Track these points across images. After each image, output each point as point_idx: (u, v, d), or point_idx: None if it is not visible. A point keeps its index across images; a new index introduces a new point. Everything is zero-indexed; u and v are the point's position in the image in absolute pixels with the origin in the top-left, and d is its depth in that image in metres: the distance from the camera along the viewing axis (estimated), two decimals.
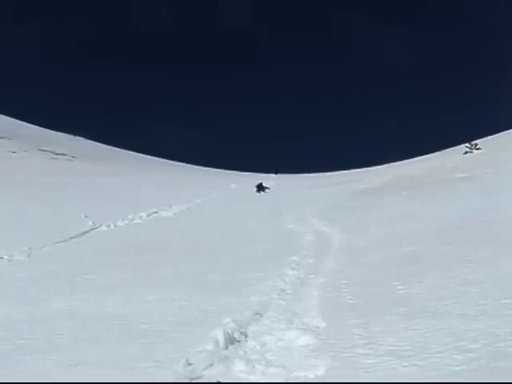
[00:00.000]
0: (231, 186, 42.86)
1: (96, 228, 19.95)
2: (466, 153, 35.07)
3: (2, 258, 13.52)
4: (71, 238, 17.40)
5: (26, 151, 61.93)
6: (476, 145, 35.84)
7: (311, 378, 5.00)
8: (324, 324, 6.70)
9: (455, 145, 44.52)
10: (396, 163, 53.13)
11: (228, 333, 6.29)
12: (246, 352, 5.91)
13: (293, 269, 10.55)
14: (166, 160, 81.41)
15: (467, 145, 36.52)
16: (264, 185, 40.66)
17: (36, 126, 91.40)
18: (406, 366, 4.95)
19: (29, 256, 14.17)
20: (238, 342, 6.27)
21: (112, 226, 20.76)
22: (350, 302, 7.78)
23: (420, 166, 36.71)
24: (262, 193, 38.11)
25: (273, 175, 62.31)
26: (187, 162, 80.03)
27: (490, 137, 41.84)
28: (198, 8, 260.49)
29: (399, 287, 8.18)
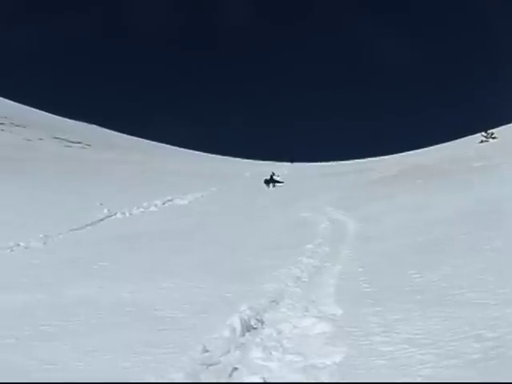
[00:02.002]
0: (246, 175, 42.84)
1: (111, 216, 20.03)
2: (482, 142, 34.93)
3: (19, 245, 13.60)
4: (86, 226, 17.48)
5: (41, 139, 62.15)
6: (492, 134, 35.67)
7: (328, 364, 4.99)
8: (340, 312, 6.69)
9: (471, 134, 44.36)
10: (411, 152, 52.97)
11: (244, 320, 6.30)
12: (262, 339, 5.91)
13: (308, 257, 10.54)
14: (180, 148, 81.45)
15: (483, 134, 36.36)
16: (276, 177, 40.26)
17: (51, 115, 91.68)
18: (422, 354, 4.92)
19: (45, 243, 14.24)
20: (255, 329, 6.28)
21: (127, 214, 20.84)
22: (366, 290, 7.76)
23: (435, 155, 36.51)
24: (272, 187, 34.72)
25: (288, 164, 62.19)
26: (202, 151, 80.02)
27: (506, 126, 41.59)
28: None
29: (415, 275, 8.14)
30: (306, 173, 45.83)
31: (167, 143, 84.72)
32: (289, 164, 62.02)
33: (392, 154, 57.20)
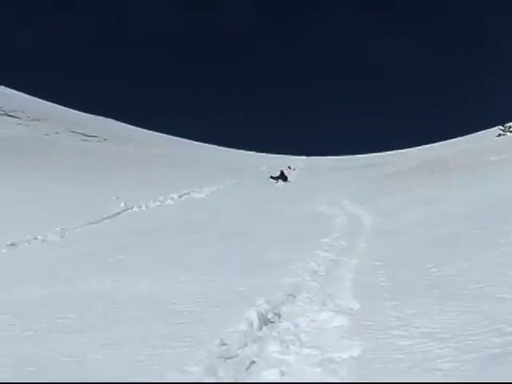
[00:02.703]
0: (262, 168, 42.79)
1: (128, 209, 20.10)
2: (499, 135, 34.70)
3: (36, 238, 13.67)
4: (103, 219, 17.55)
5: (57, 133, 62.37)
6: (509, 127, 35.43)
7: (345, 358, 4.97)
8: (358, 305, 6.66)
9: (488, 127, 44.07)
10: (428, 146, 52.74)
11: (261, 313, 6.29)
12: (279, 333, 5.90)
13: (325, 250, 10.52)
14: (197, 142, 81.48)
15: (500, 127, 36.11)
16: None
17: (67, 108, 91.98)
18: (441, 348, 4.89)
19: (62, 236, 14.31)
20: (272, 322, 6.27)
21: (143, 208, 20.90)
22: (383, 283, 7.72)
23: (453, 149, 36.34)
24: (282, 183, 33.10)
25: (304, 157, 62.06)
26: (219, 144, 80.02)
27: None
28: None
29: (433, 269, 8.10)
30: (322, 166, 45.71)
31: (183, 137, 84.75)
32: (305, 158, 61.90)
33: (409, 147, 56.97)
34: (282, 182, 33.48)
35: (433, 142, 55.00)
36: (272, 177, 34.40)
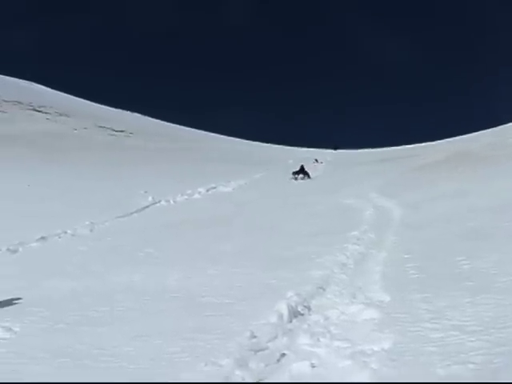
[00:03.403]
0: (289, 162, 42.72)
1: (156, 203, 20.19)
2: None
3: (66, 232, 13.78)
4: (132, 213, 17.64)
5: (85, 128, 62.80)
6: None
7: (376, 351, 4.94)
8: (388, 298, 6.62)
9: None
10: (457, 138, 52.23)
11: (291, 306, 6.28)
12: (309, 325, 5.89)
13: (354, 243, 10.47)
14: (223, 136, 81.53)
15: None
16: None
17: (95, 104, 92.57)
18: (473, 341, 4.84)
19: (91, 230, 14.42)
20: (302, 315, 6.26)
21: (171, 202, 20.98)
22: (413, 276, 7.67)
23: (481, 142, 35.95)
24: (301, 179, 31.09)
25: (331, 151, 61.88)
26: (245, 138, 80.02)
27: None
28: None
29: (463, 262, 8.03)
30: (349, 159, 45.51)
31: (210, 131, 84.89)
32: (332, 151, 61.72)
33: (438, 140, 56.48)
34: (302, 179, 31.52)
35: (461, 134, 54.52)
36: (293, 172, 32.49)
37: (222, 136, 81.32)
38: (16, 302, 7.48)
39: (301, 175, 31.94)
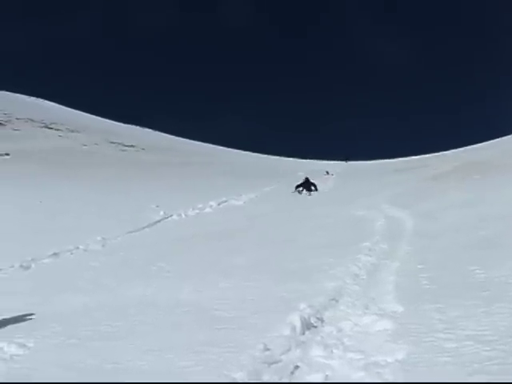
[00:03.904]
0: (299, 174, 42.71)
1: (167, 217, 20.24)
2: None
3: (78, 247, 13.83)
4: (143, 228, 17.69)
5: (96, 144, 63.15)
6: None
7: (390, 362, 4.91)
8: (401, 309, 6.58)
9: None
10: (466, 148, 52.14)
11: (304, 318, 6.25)
12: (322, 337, 5.85)
13: (366, 254, 10.42)
14: (233, 149, 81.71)
15: None
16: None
17: (105, 119, 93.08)
18: (488, 351, 4.80)
19: (103, 246, 14.45)
20: (315, 327, 6.22)
21: (183, 216, 21.02)
22: (426, 286, 7.62)
23: (491, 151, 35.87)
24: (307, 194, 29.19)
25: (343, 162, 61.84)
26: (255, 151, 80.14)
27: None
28: None
29: (477, 271, 7.98)
30: (360, 171, 45.49)
31: (220, 145, 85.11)
32: (343, 163, 61.69)
33: (447, 150, 56.41)
34: (306, 192, 29.66)
35: (471, 144, 54.46)
36: (297, 186, 30.38)
37: (231, 149, 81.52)
38: (29, 317, 7.49)
39: (305, 189, 29.95)
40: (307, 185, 30.26)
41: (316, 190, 30.03)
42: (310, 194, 29.25)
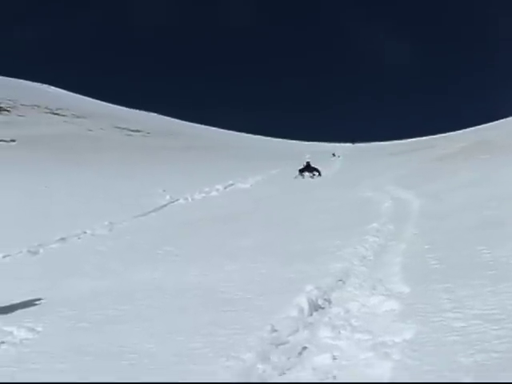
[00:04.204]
0: (306, 156, 42.65)
1: (174, 202, 20.24)
2: None
3: (85, 232, 13.85)
4: (150, 212, 17.70)
5: (102, 129, 63.18)
6: None
7: (398, 342, 4.91)
8: (408, 289, 6.58)
9: None
10: (474, 128, 51.96)
11: (312, 299, 6.25)
12: (330, 318, 5.85)
13: (373, 235, 10.40)
14: (239, 133, 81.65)
15: None
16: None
17: (111, 104, 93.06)
18: (496, 330, 4.80)
19: (110, 230, 14.47)
20: (322, 308, 6.22)
21: (189, 199, 21.02)
22: (433, 267, 7.61)
23: (500, 130, 35.74)
24: (309, 177, 29.11)
25: (349, 144, 61.76)
26: (262, 134, 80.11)
27: None
28: None
29: (484, 251, 7.96)
30: (367, 153, 45.44)
31: (227, 128, 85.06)
32: (350, 145, 61.60)
33: (454, 130, 56.24)
34: (309, 176, 29.34)
35: (479, 124, 54.24)
36: (300, 170, 30.23)
37: (238, 133, 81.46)
38: (37, 302, 7.53)
39: (307, 173, 29.84)
40: (309, 169, 30.17)
41: (319, 174, 29.79)
42: (312, 176, 29.25)
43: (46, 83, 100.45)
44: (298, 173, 29.75)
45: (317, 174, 29.73)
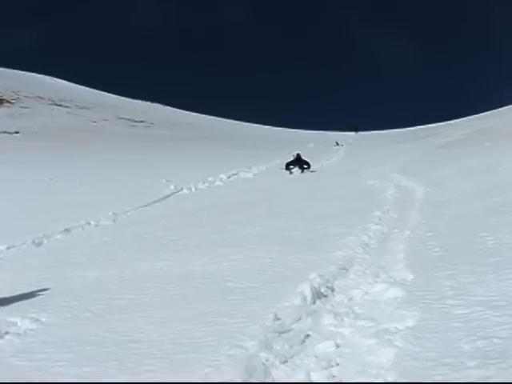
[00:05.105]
0: (309, 145, 42.63)
1: (178, 191, 20.25)
2: None
3: (89, 223, 13.86)
4: (154, 202, 17.70)
5: (105, 120, 63.19)
6: None
7: (401, 329, 4.93)
8: (411, 276, 6.59)
9: None
10: (478, 115, 51.79)
11: (315, 287, 6.26)
12: (333, 306, 5.88)
13: (376, 224, 10.41)
14: (242, 122, 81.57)
15: None
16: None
17: (114, 95, 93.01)
18: (498, 316, 4.82)
19: (114, 221, 14.48)
20: (325, 296, 6.24)
21: (193, 189, 21.03)
22: (436, 254, 7.63)
23: (506, 116, 35.63)
24: (299, 173, 25.44)
25: (352, 133, 61.62)
26: (264, 123, 80.00)
27: None
28: None
29: (487, 238, 7.97)
30: (371, 141, 45.38)
31: (230, 118, 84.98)
32: (353, 133, 61.48)
33: (458, 118, 56.11)
34: (299, 171, 25.83)
35: (483, 111, 54.08)
36: (287, 164, 26.70)
37: (241, 122, 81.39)
38: (42, 293, 7.55)
39: (296, 167, 26.20)
40: (299, 162, 26.52)
41: (309, 167, 26.25)
42: (302, 172, 25.72)
43: (49, 75, 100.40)
44: (285, 167, 26.46)
45: (306, 167, 26.21)
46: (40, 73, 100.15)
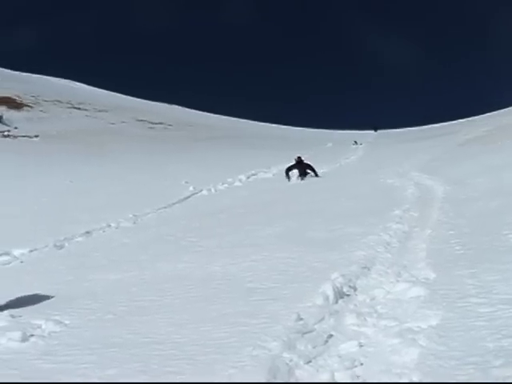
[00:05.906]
0: (328, 145, 42.56)
1: (197, 193, 20.32)
2: None
3: (110, 225, 13.94)
4: (174, 204, 17.78)
5: (124, 122, 63.42)
6: None
7: (424, 328, 4.90)
8: (434, 275, 6.55)
9: None
10: (498, 112, 51.43)
11: (337, 287, 6.25)
12: (356, 305, 5.86)
13: (397, 222, 10.35)
14: (260, 122, 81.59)
15: None
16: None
17: (132, 97, 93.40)
18: None
19: (134, 222, 14.56)
20: (348, 296, 6.22)
21: (213, 190, 21.09)
22: (459, 252, 7.57)
23: None
24: (300, 180, 22.30)
25: (372, 132, 61.42)
26: (283, 124, 80.00)
27: None
28: None
29: (510, 236, 7.90)
30: (390, 139, 45.22)
31: (249, 119, 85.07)
32: (373, 132, 61.28)
33: (478, 115, 55.76)
34: (298, 179, 22.60)
35: (499, 109, 53.71)
36: (287, 169, 23.28)
37: (258, 122, 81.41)
38: (64, 296, 7.59)
39: (296, 172, 23.05)
40: (300, 167, 23.27)
41: (314, 172, 22.96)
42: (302, 179, 22.53)
43: (67, 78, 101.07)
44: (285, 174, 23.13)
45: (311, 173, 22.98)
46: (58, 76, 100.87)
